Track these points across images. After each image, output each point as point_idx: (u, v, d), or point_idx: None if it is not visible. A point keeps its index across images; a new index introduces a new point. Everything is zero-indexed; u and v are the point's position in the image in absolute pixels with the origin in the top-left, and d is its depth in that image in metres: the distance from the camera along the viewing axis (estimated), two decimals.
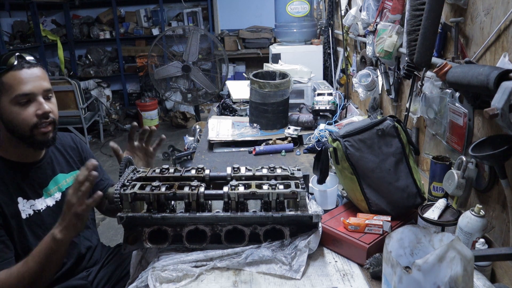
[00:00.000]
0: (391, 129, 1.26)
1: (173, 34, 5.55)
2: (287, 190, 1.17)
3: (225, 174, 1.27)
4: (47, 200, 1.32)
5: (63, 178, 1.40)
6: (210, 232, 1.14)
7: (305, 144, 2.13)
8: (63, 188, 1.38)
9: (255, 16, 6.12)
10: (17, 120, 1.19)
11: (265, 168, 1.30)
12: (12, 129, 1.21)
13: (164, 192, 1.15)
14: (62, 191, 1.37)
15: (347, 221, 1.19)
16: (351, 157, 1.25)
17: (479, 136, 1.15)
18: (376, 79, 1.99)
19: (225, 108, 2.66)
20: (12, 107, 1.19)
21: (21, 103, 1.19)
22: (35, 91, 1.21)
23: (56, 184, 1.36)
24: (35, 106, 1.21)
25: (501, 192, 1.06)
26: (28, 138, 1.22)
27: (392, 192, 1.25)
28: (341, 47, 2.76)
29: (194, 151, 2.56)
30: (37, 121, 1.21)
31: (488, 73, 0.91)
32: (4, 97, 1.19)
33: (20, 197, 1.25)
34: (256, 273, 1.10)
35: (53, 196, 1.34)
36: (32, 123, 1.21)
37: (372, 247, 1.13)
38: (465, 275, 0.79)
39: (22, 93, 1.19)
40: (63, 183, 1.39)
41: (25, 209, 1.25)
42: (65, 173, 1.41)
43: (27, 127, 1.21)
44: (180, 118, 5.93)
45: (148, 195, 1.14)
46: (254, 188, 1.18)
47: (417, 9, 1.30)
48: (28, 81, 1.20)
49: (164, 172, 1.25)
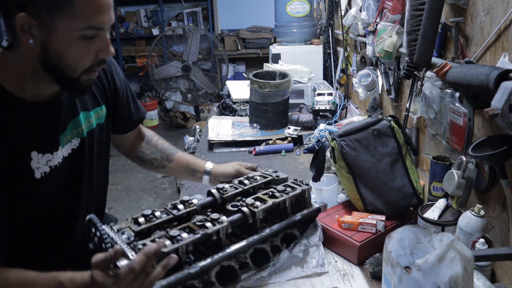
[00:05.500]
0: (387, 129, 1.27)
1: (173, 34, 5.55)
2: (298, 191, 1.13)
3: (211, 199, 1.12)
4: (63, 149, 1.02)
5: (85, 118, 1.08)
6: (236, 264, 1.00)
7: (305, 144, 2.13)
8: (84, 132, 1.07)
9: (255, 16, 6.12)
10: (72, 56, 0.87)
11: (245, 180, 1.20)
12: (54, 65, 0.88)
13: (194, 238, 0.92)
14: (83, 136, 1.07)
15: (341, 219, 1.20)
16: (347, 157, 1.25)
17: (479, 136, 1.15)
18: (376, 79, 1.99)
19: (225, 108, 2.66)
20: (73, 39, 0.85)
21: (86, 37, 0.87)
22: (107, 25, 0.89)
23: (75, 128, 1.05)
24: (98, 44, 0.89)
25: (501, 192, 1.06)
26: (71, 81, 0.91)
27: (388, 192, 1.25)
28: (341, 47, 2.76)
29: (194, 151, 2.56)
30: (94, 63, 0.91)
31: (488, 73, 0.91)
32: (66, 23, 0.83)
33: (34, 151, 0.95)
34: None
35: (71, 142, 1.04)
36: (87, 65, 0.90)
37: (363, 245, 1.13)
38: (465, 275, 0.79)
39: (95, 25, 0.86)
40: (83, 127, 1.07)
41: (40, 166, 0.96)
42: (89, 110, 1.09)
43: (80, 68, 0.90)
44: (180, 118, 5.93)
45: (176, 250, 0.89)
46: (269, 199, 1.08)
47: (417, 9, 1.30)
48: (105, 10, 0.87)
49: (152, 219, 0.98)
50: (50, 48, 0.85)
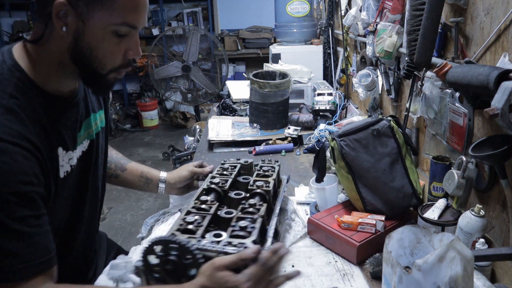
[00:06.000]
0: (387, 129, 1.27)
1: (173, 34, 5.55)
2: (278, 168, 1.34)
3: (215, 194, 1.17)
4: (77, 150, 0.99)
5: (93, 120, 1.07)
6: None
7: (305, 144, 2.13)
8: (93, 134, 1.06)
9: (255, 16, 6.12)
10: (103, 51, 0.86)
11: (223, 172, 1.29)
12: (83, 57, 0.86)
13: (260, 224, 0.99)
14: (92, 138, 1.05)
15: (341, 218, 1.20)
16: (347, 157, 1.25)
17: (479, 136, 1.15)
18: (376, 79, 1.99)
19: (225, 108, 2.66)
20: (106, 34, 0.85)
21: (120, 34, 0.86)
22: (141, 25, 0.88)
23: (87, 129, 1.04)
24: (128, 43, 0.89)
25: (501, 192, 1.06)
26: (97, 77, 0.89)
27: (387, 192, 1.25)
28: (341, 47, 2.76)
29: (194, 151, 2.56)
30: (123, 63, 0.90)
31: (488, 73, 0.91)
32: (103, 16, 0.82)
33: (60, 148, 0.91)
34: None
35: (82, 144, 1.01)
36: (117, 64, 0.90)
37: (362, 245, 1.13)
38: (465, 275, 0.79)
39: (131, 22, 0.86)
40: (93, 128, 1.06)
41: (64, 165, 0.93)
42: (95, 112, 1.08)
43: (109, 65, 0.89)
44: (180, 118, 5.93)
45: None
46: (264, 179, 1.23)
47: (417, 9, 1.30)
48: (142, 10, 0.87)
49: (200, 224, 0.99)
50: (82, 39, 0.84)
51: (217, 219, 1.04)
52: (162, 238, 0.87)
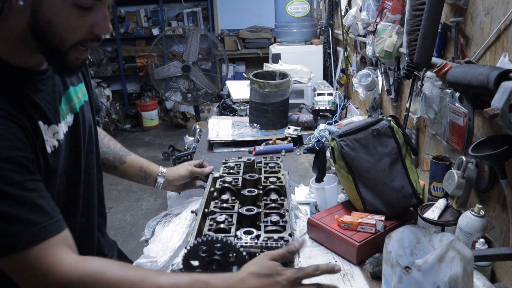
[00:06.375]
0: (387, 129, 1.27)
1: (173, 34, 5.55)
2: (281, 164, 1.37)
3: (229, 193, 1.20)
4: (62, 125, 0.94)
5: (74, 94, 1.00)
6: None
7: (305, 144, 2.13)
8: (76, 108, 1.00)
9: (255, 16, 6.12)
10: (63, 25, 0.79)
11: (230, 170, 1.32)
12: (42, 32, 0.80)
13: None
14: (75, 112, 1.00)
15: (341, 218, 1.20)
16: (346, 157, 1.25)
17: (479, 136, 1.15)
18: (376, 79, 1.99)
19: (225, 108, 2.66)
20: (66, 6, 0.78)
21: (82, 7, 0.79)
22: None
23: (68, 103, 0.98)
24: (94, 17, 0.81)
25: (501, 192, 1.06)
26: (58, 55, 0.83)
27: (387, 192, 1.25)
28: (341, 47, 2.76)
29: (194, 151, 2.56)
30: (86, 37, 0.82)
31: (488, 73, 0.91)
32: None
33: (41, 121, 0.86)
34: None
35: (66, 119, 0.96)
36: (78, 38, 0.82)
37: (362, 245, 1.13)
38: (465, 275, 0.79)
39: None
40: (75, 101, 1.00)
41: (49, 139, 0.87)
42: (75, 85, 1.02)
43: (70, 40, 0.81)
44: (180, 118, 5.93)
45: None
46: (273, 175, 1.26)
47: (417, 9, 1.30)
48: None
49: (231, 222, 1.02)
50: (40, 12, 0.78)
51: (238, 217, 1.05)
52: (207, 239, 0.87)
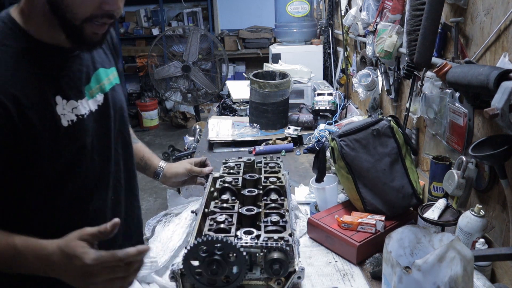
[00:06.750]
0: (387, 130, 1.27)
1: (173, 34, 5.55)
2: (281, 164, 1.31)
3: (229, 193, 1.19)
4: (90, 102, 0.98)
5: (105, 75, 1.05)
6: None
7: (305, 144, 2.13)
8: (106, 88, 1.04)
9: (255, 16, 6.11)
10: (73, 1, 0.83)
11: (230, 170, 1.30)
12: (57, 8, 0.83)
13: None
14: (105, 92, 1.04)
15: (341, 218, 1.20)
16: (346, 157, 1.25)
17: (479, 136, 1.15)
18: (376, 79, 1.99)
19: (225, 108, 2.66)
20: None
21: None
22: None
23: (98, 82, 1.02)
24: None
25: (501, 192, 1.06)
26: (73, 29, 0.86)
27: (387, 192, 1.25)
28: (341, 47, 2.76)
29: (194, 151, 2.56)
30: (96, 13, 0.84)
31: (488, 73, 0.91)
32: None
33: (59, 96, 0.89)
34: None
35: (95, 98, 1.00)
36: (89, 13, 0.84)
37: (362, 245, 1.13)
38: (465, 275, 0.79)
39: None
40: (105, 82, 1.05)
41: (66, 114, 0.90)
42: (106, 68, 1.07)
43: (81, 14, 0.83)
44: (180, 118, 5.93)
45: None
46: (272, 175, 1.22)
47: (417, 9, 1.30)
48: None
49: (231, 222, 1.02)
50: None
51: (238, 217, 1.05)
52: (207, 239, 0.85)
